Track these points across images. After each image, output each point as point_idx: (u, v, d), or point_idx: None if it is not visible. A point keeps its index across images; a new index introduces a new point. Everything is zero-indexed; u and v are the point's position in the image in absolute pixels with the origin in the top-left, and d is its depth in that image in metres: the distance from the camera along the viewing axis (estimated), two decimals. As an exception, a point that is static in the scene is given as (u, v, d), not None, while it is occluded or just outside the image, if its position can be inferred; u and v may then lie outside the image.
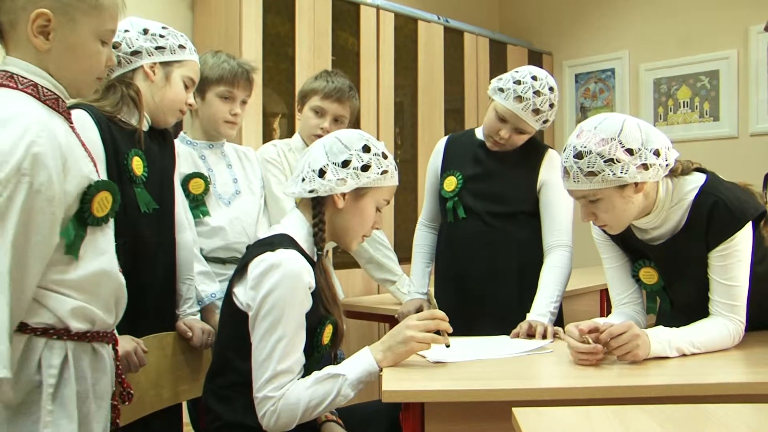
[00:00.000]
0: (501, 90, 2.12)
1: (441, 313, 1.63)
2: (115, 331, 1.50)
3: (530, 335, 1.91)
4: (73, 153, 1.29)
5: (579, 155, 1.59)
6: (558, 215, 2.15)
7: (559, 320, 2.15)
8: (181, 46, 1.84)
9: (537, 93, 2.08)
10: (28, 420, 1.24)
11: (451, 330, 1.63)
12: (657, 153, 1.60)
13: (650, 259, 1.81)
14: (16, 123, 1.19)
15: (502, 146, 2.19)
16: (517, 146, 2.20)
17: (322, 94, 2.35)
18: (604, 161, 1.57)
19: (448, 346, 1.61)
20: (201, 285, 1.98)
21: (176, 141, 2.13)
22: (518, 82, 2.10)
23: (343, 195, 1.62)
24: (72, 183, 1.27)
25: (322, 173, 1.60)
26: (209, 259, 2.06)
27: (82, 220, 1.30)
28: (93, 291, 1.33)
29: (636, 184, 1.61)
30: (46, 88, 1.29)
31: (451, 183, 2.28)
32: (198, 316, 1.94)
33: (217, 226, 2.09)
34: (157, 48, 1.79)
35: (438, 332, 1.61)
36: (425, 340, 1.58)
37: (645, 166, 1.59)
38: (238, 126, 2.18)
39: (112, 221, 1.40)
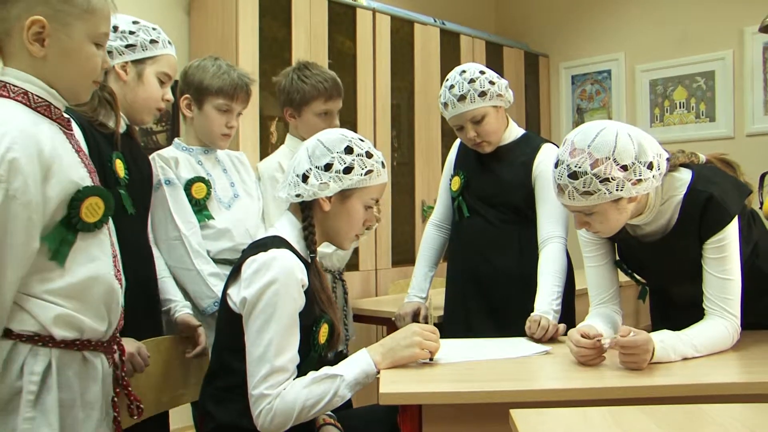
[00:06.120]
0: (445, 105, 2.20)
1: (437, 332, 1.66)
2: (123, 340, 1.49)
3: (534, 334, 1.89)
4: (61, 159, 1.28)
5: (574, 175, 1.58)
6: (550, 208, 2.14)
7: (572, 320, 2.14)
8: (153, 41, 1.78)
9: (472, 81, 2.15)
10: (8, 426, 1.24)
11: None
12: (650, 166, 1.60)
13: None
14: None
15: (488, 143, 2.21)
16: (498, 132, 2.21)
17: (326, 96, 2.34)
18: (600, 181, 1.57)
19: (431, 359, 1.65)
20: (216, 287, 1.98)
21: (172, 147, 2.14)
22: (452, 87, 2.17)
23: (329, 198, 1.62)
24: (55, 189, 1.26)
25: (305, 178, 1.60)
26: (217, 261, 2.06)
27: (70, 225, 1.29)
28: (82, 298, 1.32)
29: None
30: (38, 95, 1.29)
31: (455, 183, 2.33)
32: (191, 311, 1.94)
33: (223, 228, 2.09)
34: (127, 46, 1.75)
35: None
36: (430, 348, 1.61)
37: (639, 181, 1.59)
38: (232, 137, 2.18)
39: (108, 228, 1.39)
